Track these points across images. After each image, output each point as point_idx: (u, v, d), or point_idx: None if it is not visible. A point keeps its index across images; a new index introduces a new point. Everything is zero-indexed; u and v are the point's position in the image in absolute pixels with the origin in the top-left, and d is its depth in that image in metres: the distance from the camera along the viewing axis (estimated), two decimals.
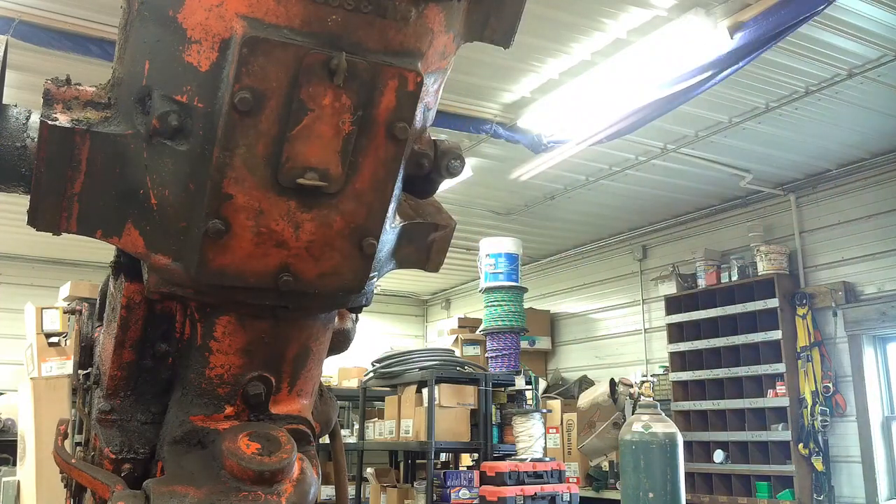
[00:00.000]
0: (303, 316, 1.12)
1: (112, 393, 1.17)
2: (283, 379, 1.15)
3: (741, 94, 6.44)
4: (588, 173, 8.30)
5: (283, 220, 0.96)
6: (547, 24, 5.38)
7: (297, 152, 0.91)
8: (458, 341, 10.05)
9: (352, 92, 0.89)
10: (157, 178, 0.96)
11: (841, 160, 7.85)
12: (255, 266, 0.98)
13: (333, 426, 1.49)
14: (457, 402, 6.96)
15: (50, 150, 0.93)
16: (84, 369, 1.52)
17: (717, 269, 8.74)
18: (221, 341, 1.09)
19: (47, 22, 5.22)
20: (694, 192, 8.88)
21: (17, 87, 5.64)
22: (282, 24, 0.85)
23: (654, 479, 6.08)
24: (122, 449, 1.16)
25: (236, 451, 1.01)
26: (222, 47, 0.87)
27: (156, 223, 0.98)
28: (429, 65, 0.95)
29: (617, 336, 10.68)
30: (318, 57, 0.86)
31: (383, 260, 1.13)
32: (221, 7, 0.85)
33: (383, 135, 0.94)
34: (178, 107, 0.91)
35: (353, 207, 0.98)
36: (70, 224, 0.98)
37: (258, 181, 0.92)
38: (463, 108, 6.66)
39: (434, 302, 14.91)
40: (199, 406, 1.12)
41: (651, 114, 6.19)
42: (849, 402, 7.66)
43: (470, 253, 9.98)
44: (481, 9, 0.99)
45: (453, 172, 1.06)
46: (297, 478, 1.03)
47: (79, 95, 0.97)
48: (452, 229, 1.21)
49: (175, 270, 0.99)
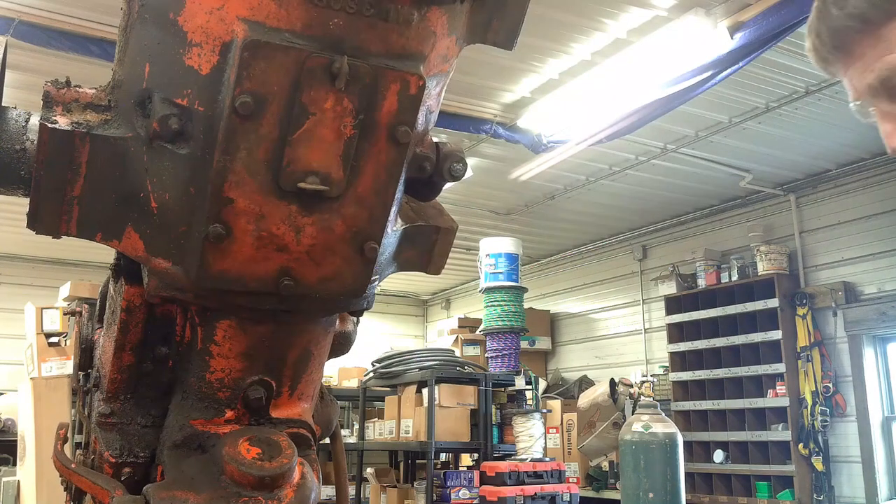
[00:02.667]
0: (304, 320, 1.12)
1: (112, 396, 1.17)
2: (283, 383, 1.15)
3: (741, 94, 6.44)
4: (588, 173, 8.30)
5: (284, 224, 0.95)
6: (547, 24, 5.38)
7: (298, 156, 0.90)
8: (458, 341, 10.05)
9: (353, 96, 0.89)
10: (157, 182, 0.95)
11: (841, 160, 7.85)
12: (255, 270, 0.98)
13: (334, 428, 1.48)
14: (457, 402, 6.96)
15: (50, 153, 0.92)
16: (84, 371, 1.51)
17: (717, 269, 8.73)
18: (222, 345, 1.08)
19: (47, 22, 5.21)
20: (694, 192, 8.88)
21: (17, 87, 5.64)
22: (283, 28, 0.84)
23: (654, 479, 6.09)
24: (122, 452, 1.15)
25: (236, 457, 1.00)
26: (223, 51, 0.86)
27: (156, 227, 0.97)
28: (431, 68, 0.94)
29: (617, 336, 10.68)
30: (320, 60, 0.85)
31: (385, 263, 1.12)
32: (222, 10, 0.84)
33: (385, 139, 0.93)
34: (179, 110, 0.90)
35: (354, 211, 0.97)
36: (70, 227, 0.98)
37: (259, 185, 0.91)
38: (463, 108, 6.66)
39: (434, 302, 14.91)
40: (200, 410, 1.12)
41: (651, 114, 6.18)
42: (849, 402, 7.66)
43: (470, 253, 9.98)
44: (484, 11, 0.99)
45: (456, 175, 1.06)
46: (298, 483, 1.02)
47: (78, 98, 0.96)
48: (454, 232, 1.21)
49: (175, 274, 0.99)
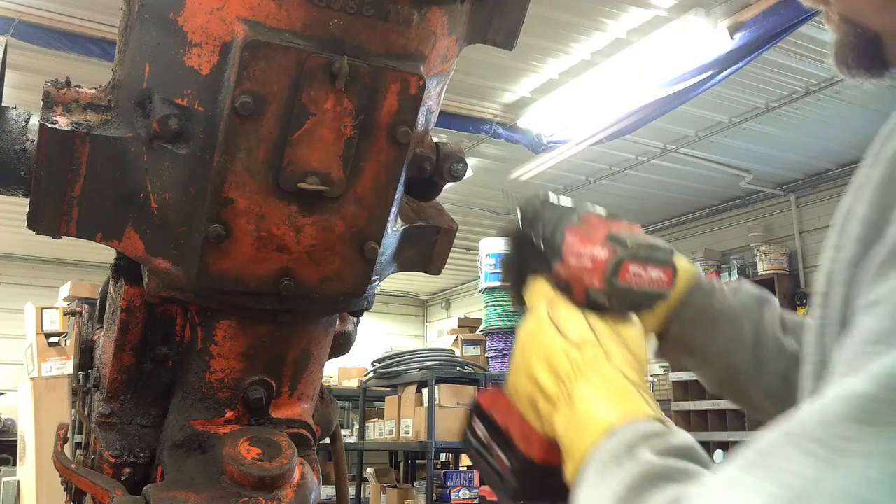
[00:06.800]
0: (304, 320, 1.12)
1: (112, 396, 1.16)
2: (283, 383, 1.15)
3: (741, 94, 6.44)
4: (588, 173, 8.30)
5: (285, 224, 0.95)
6: (547, 24, 5.38)
7: (298, 156, 0.90)
8: (458, 341, 10.03)
9: (353, 96, 0.89)
10: (157, 182, 0.95)
11: (841, 160, 7.85)
12: (255, 270, 0.97)
13: (334, 428, 1.48)
14: (457, 402, 6.95)
15: (50, 154, 0.92)
16: (84, 371, 1.51)
17: (718, 269, 8.73)
18: (222, 345, 1.08)
19: (47, 22, 5.21)
20: (694, 192, 8.88)
21: (17, 87, 5.64)
22: (283, 28, 0.84)
23: None
24: (122, 453, 1.15)
25: (236, 457, 1.00)
26: (223, 51, 0.86)
27: (156, 227, 0.97)
28: (431, 68, 0.94)
29: None
30: (320, 61, 0.85)
31: (385, 263, 1.12)
32: (222, 10, 0.84)
33: (385, 139, 0.93)
34: (179, 110, 0.90)
35: (354, 212, 0.97)
36: (70, 227, 0.98)
37: (259, 185, 0.91)
38: (463, 108, 6.66)
39: (434, 302, 14.90)
40: (200, 410, 1.12)
41: (651, 114, 6.18)
42: None
43: (470, 253, 9.97)
44: (484, 11, 0.99)
45: (456, 176, 1.06)
46: (298, 483, 1.02)
47: (78, 98, 0.96)
48: (454, 232, 1.21)
49: (175, 274, 0.99)
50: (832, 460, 0.45)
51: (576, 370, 0.79)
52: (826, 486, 0.44)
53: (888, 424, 0.44)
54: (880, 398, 0.44)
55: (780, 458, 0.48)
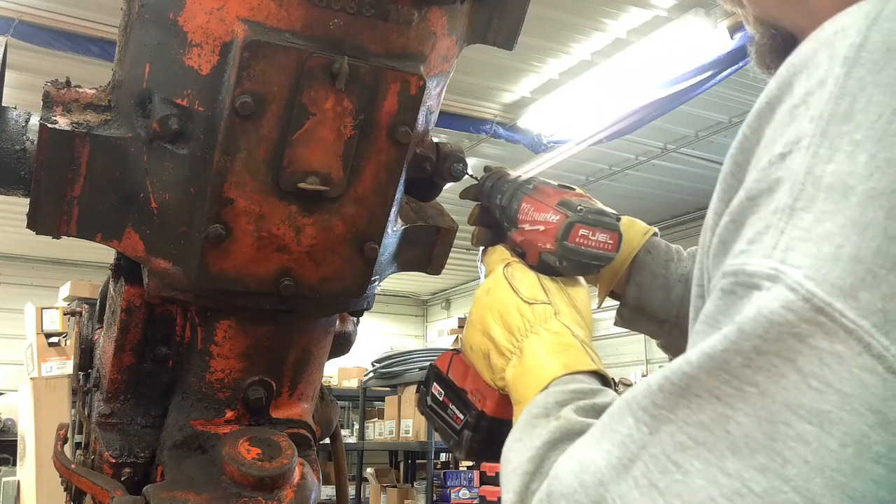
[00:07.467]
0: (304, 320, 1.12)
1: (112, 396, 1.16)
2: (283, 383, 1.15)
3: (741, 94, 6.44)
4: (588, 173, 8.30)
5: (285, 224, 0.95)
6: (547, 24, 5.38)
7: (298, 157, 0.90)
8: (459, 341, 10.04)
9: (353, 96, 0.88)
10: (157, 182, 0.95)
11: None
12: (255, 270, 0.97)
13: (334, 428, 1.48)
14: None
15: (49, 154, 0.92)
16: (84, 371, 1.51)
17: None
18: (222, 345, 1.08)
19: (47, 22, 5.22)
20: (694, 192, 8.88)
21: (17, 87, 5.64)
22: (283, 28, 0.84)
23: None
24: (122, 453, 1.15)
25: (236, 457, 1.00)
26: (223, 51, 0.86)
27: (156, 227, 0.97)
28: (431, 68, 0.94)
29: (617, 336, 10.68)
30: (320, 61, 0.85)
31: (385, 263, 1.12)
32: (222, 10, 0.84)
33: (385, 139, 0.93)
34: (179, 110, 0.90)
35: (354, 212, 0.97)
36: (70, 227, 0.98)
37: (259, 186, 0.91)
38: (463, 108, 6.66)
39: (434, 302, 14.91)
40: (200, 410, 1.12)
41: (651, 114, 6.18)
42: None
43: (470, 253, 9.97)
44: (484, 11, 0.99)
45: (456, 176, 1.06)
46: (298, 483, 1.02)
47: (78, 98, 0.96)
48: (454, 232, 1.21)
49: (175, 274, 0.99)
50: (652, 425, 0.52)
51: (527, 325, 0.86)
52: (648, 449, 0.52)
53: (694, 396, 0.51)
54: (689, 374, 0.51)
55: (617, 421, 0.56)
